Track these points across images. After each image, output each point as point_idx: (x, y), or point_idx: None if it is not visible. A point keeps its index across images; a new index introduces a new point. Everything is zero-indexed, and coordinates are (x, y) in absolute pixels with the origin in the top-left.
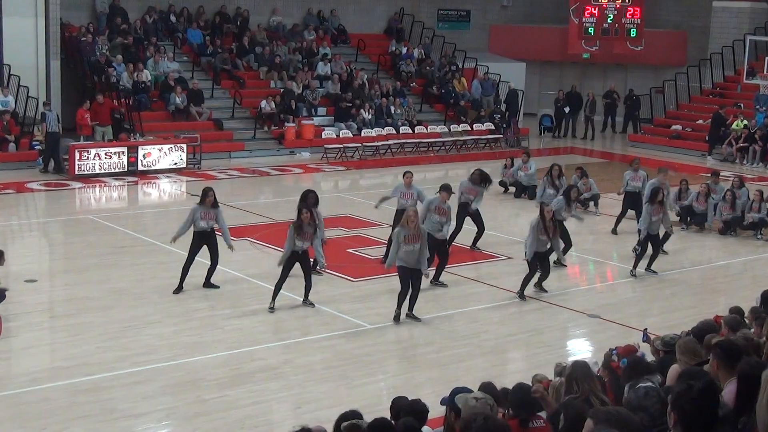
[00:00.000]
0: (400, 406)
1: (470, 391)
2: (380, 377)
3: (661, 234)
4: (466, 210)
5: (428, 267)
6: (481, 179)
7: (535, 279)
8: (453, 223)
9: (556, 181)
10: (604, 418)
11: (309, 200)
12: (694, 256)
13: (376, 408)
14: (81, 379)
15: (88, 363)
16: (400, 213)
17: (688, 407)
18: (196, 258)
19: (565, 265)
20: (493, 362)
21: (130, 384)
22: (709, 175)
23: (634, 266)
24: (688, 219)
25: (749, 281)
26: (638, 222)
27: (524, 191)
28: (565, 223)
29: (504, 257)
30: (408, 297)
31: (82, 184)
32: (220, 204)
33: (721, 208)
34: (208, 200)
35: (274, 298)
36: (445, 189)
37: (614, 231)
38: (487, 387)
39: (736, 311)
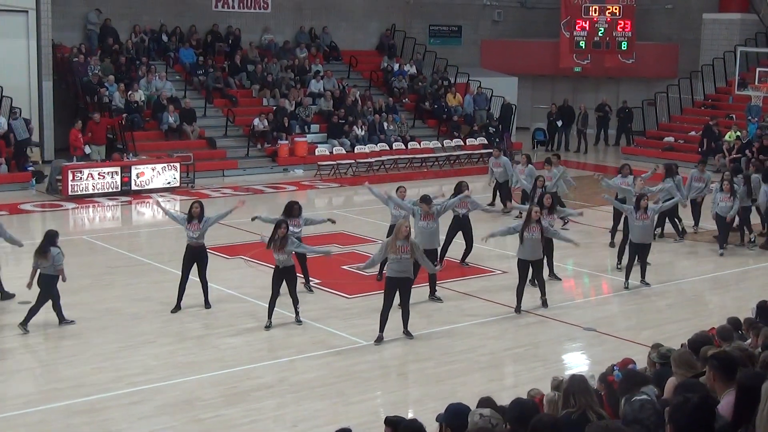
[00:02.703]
0: (397, 423)
1: (466, 406)
2: (377, 394)
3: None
4: (458, 225)
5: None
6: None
7: (530, 291)
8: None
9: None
10: None
11: (294, 212)
12: (687, 267)
13: (373, 425)
14: (76, 401)
15: (83, 384)
16: (393, 228)
17: (683, 421)
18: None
19: (560, 279)
20: (489, 377)
21: (126, 404)
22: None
23: (626, 278)
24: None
25: (744, 292)
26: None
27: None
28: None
29: (499, 272)
30: (400, 314)
31: (75, 204)
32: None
33: (719, 199)
34: (194, 211)
35: (270, 316)
36: (424, 201)
37: (612, 244)
38: (486, 402)
39: (734, 322)
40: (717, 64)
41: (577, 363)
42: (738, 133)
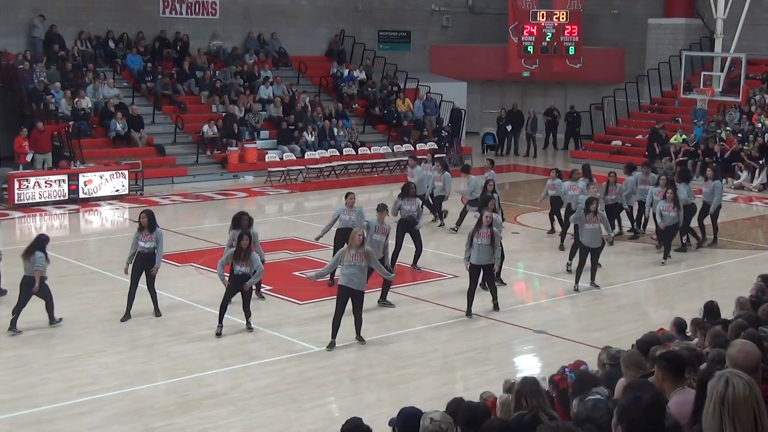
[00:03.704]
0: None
1: (419, 410)
2: (330, 400)
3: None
4: (405, 227)
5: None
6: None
7: (481, 295)
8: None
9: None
10: None
11: (243, 223)
12: (636, 269)
13: (327, 431)
14: (24, 412)
15: (31, 395)
16: (341, 231)
17: (637, 420)
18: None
19: (505, 284)
20: (442, 381)
21: (75, 415)
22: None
23: (576, 281)
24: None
25: (690, 293)
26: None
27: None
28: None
29: (450, 276)
30: (353, 320)
31: (22, 213)
32: (161, 228)
33: (663, 209)
34: (141, 222)
35: (220, 322)
36: (382, 209)
37: (562, 247)
38: (458, 404)
39: (679, 323)
40: (663, 68)
41: (528, 365)
42: (684, 136)
